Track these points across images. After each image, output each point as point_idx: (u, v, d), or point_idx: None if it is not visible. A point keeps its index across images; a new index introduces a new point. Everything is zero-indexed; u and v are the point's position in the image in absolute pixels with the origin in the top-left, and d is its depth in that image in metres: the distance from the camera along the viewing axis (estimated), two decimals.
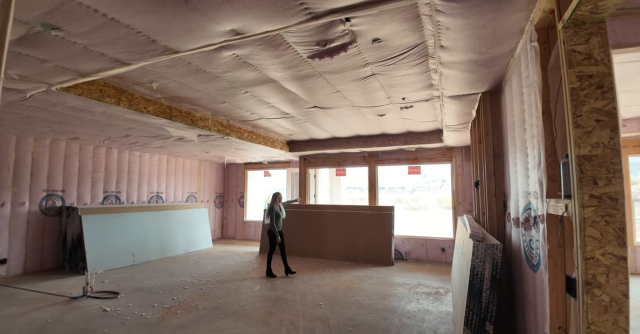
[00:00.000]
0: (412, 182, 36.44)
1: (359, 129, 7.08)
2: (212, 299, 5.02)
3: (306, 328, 3.98)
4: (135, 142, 7.22)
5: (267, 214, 6.24)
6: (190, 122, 5.46)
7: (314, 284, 5.79)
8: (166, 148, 8.07)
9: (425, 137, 7.25)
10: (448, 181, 34.60)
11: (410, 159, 8.12)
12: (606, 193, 1.52)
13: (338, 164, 9.04)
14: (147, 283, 5.87)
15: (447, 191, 40.15)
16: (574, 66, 1.67)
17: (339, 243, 7.93)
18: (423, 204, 31.69)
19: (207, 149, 8.06)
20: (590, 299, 1.48)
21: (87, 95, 4.12)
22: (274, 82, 4.07)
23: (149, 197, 9.09)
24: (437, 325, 4.05)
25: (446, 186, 42.92)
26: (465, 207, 7.51)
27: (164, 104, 5.01)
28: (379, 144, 7.63)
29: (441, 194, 33.53)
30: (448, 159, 7.81)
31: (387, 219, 7.58)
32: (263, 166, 11.14)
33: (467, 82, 3.40)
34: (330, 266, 7.27)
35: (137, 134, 6.28)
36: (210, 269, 6.98)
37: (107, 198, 8.07)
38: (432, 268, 7.11)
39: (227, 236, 11.57)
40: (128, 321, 4.19)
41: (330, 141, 8.21)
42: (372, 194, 8.53)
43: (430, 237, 7.90)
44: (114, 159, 8.22)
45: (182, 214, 9.21)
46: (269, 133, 7.47)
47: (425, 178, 48.81)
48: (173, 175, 9.84)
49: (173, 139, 6.73)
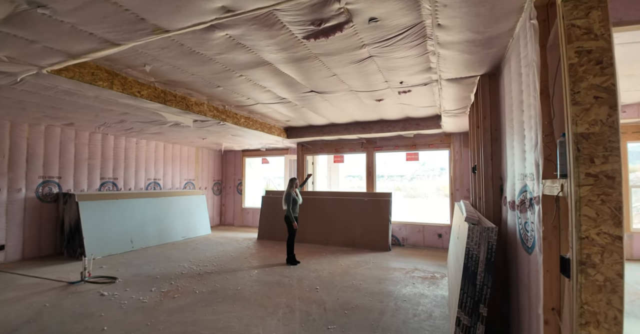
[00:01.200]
0: (411, 171, 36.58)
1: (357, 115, 7.01)
2: (210, 283, 5.05)
3: (302, 310, 4.01)
4: (131, 128, 7.15)
5: (284, 200, 6.14)
6: (185, 107, 5.39)
7: (311, 269, 5.83)
8: (163, 134, 8.00)
9: (423, 123, 7.19)
10: (447, 169, 34.82)
11: (409, 146, 8.08)
12: (603, 172, 1.49)
13: (336, 151, 9.00)
14: (145, 269, 5.90)
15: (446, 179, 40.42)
16: (572, 41, 1.62)
17: (337, 229, 7.96)
18: (422, 192, 31.87)
19: (204, 135, 8.00)
20: (584, 279, 1.47)
21: (79, 78, 4.05)
22: (269, 65, 3.99)
23: (146, 184, 9.07)
24: (432, 308, 4.09)
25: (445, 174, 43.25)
26: (463, 193, 7.51)
27: (158, 88, 4.93)
28: (377, 131, 7.57)
29: (440, 182, 33.81)
30: (446, 145, 7.76)
31: (385, 206, 7.59)
32: (261, 153, 11.09)
33: (465, 64, 3.33)
34: (328, 251, 7.31)
35: (132, 119, 6.21)
36: (209, 254, 7.01)
37: (104, 185, 8.05)
38: (428, 254, 7.16)
39: (226, 223, 11.61)
40: (125, 305, 4.22)
41: (328, 128, 8.14)
42: (369, 181, 8.52)
43: (428, 223, 7.93)
44: (110, 145, 8.16)
45: (180, 201, 9.21)
46: (266, 119, 7.40)
47: (424, 166, 48.97)
48: (170, 162, 9.80)
49: (169, 124, 6.66)
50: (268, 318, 3.79)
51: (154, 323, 3.67)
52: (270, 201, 9.00)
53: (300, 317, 3.83)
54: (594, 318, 1.48)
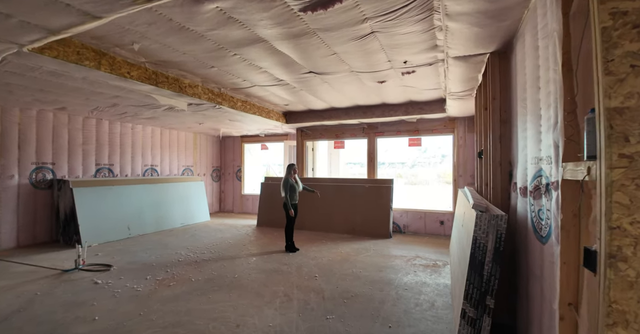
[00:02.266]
0: (413, 158, 36.60)
1: (358, 99, 6.77)
2: (207, 271, 4.93)
3: (300, 299, 3.89)
4: (124, 112, 6.93)
5: (281, 187, 5.96)
6: (179, 90, 5.16)
7: (310, 257, 5.71)
8: (158, 119, 7.78)
9: (427, 107, 6.94)
10: (448, 156, 34.49)
11: (411, 131, 7.85)
12: (639, 152, 1.29)
13: (336, 137, 8.77)
14: (141, 256, 5.79)
15: (447, 166, 40.33)
16: (606, 1, 1.39)
17: (337, 216, 7.82)
18: (423, 179, 32.00)
19: (200, 120, 7.77)
20: (614, 274, 1.29)
21: (64, 58, 3.82)
22: (264, 42, 3.75)
23: (143, 170, 8.90)
24: (434, 298, 3.96)
25: (446, 162, 43.27)
26: (466, 180, 7.32)
27: (149, 69, 4.70)
28: (378, 115, 7.33)
29: (440, 169, 34.16)
30: (450, 130, 7.53)
31: (386, 192, 7.42)
32: (260, 138, 10.87)
33: (474, 39, 3.09)
34: (328, 238, 7.19)
35: (125, 103, 5.99)
36: (207, 241, 6.90)
37: (99, 171, 7.88)
38: (430, 241, 7.03)
39: (225, 210, 11.50)
40: (119, 293, 4.10)
41: (328, 112, 7.90)
42: (371, 167, 8.33)
43: (429, 210, 7.77)
44: (105, 130, 7.95)
45: (179, 187, 9.07)
46: (264, 103, 7.16)
47: (426, 153, 48.97)
48: (167, 148, 9.60)
49: (163, 108, 6.44)
50: (265, 308, 3.67)
51: (146, 312, 3.56)
52: (270, 187, 8.84)
53: (298, 306, 3.71)
54: (622, 318, 1.31)
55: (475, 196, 3.56)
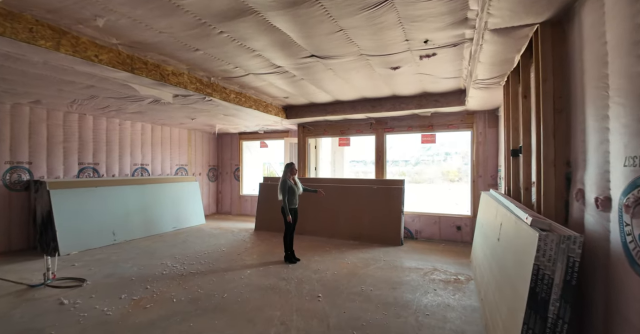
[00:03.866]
0: (416, 155, 36.26)
1: (366, 90, 6.05)
2: (192, 288, 4.26)
3: (300, 329, 3.20)
4: (107, 106, 6.25)
5: (279, 189, 5.25)
6: (160, 78, 4.47)
7: (313, 269, 5.01)
8: (146, 114, 7.10)
9: (443, 100, 6.21)
10: (452, 154, 33.36)
11: (424, 126, 7.10)
12: None
13: (341, 133, 8.05)
14: (122, 267, 5.12)
15: (451, 164, 40.18)
16: None
17: (342, 220, 7.12)
18: (427, 178, 31.73)
19: (192, 114, 7.08)
20: None
21: (13, 35, 3.14)
22: (255, 14, 3.04)
23: (132, 169, 8.24)
24: (463, 327, 3.25)
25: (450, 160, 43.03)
26: (487, 181, 6.59)
27: (123, 53, 4.01)
28: (388, 109, 6.61)
29: (445, 167, 33.82)
30: (468, 126, 6.79)
31: (396, 194, 6.71)
32: (259, 135, 10.18)
33: (524, 3, 2.37)
34: (332, 245, 6.50)
35: (103, 94, 5.30)
36: (198, 249, 6.22)
37: (83, 171, 7.22)
38: (446, 249, 6.31)
39: (223, 211, 10.84)
40: (85, 318, 3.44)
41: (332, 106, 7.19)
42: (379, 167, 7.60)
43: (445, 214, 7.05)
44: (89, 126, 7.29)
45: (171, 188, 8.41)
46: (261, 95, 6.46)
47: (429, 151, 48.64)
48: (159, 146, 8.93)
49: (148, 101, 5.75)
50: None
51: None
52: (269, 188, 8.16)
53: None
54: None
55: (520, 206, 2.85)
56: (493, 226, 3.53)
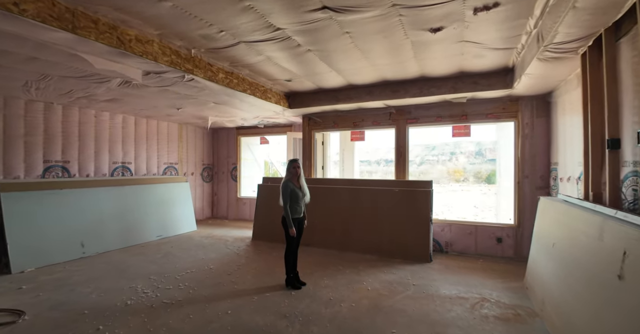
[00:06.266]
0: (421, 155, 35.85)
1: (388, 69, 4.85)
2: (158, 331, 3.09)
3: None
4: (70, 90, 5.12)
5: (281, 193, 4.09)
6: (119, 44, 3.31)
7: (323, 299, 3.83)
8: (122, 102, 5.96)
9: (484, 82, 5.00)
10: (457, 153, 32.49)
11: (457, 116, 5.87)
12: None
13: (354, 126, 6.84)
14: (78, 293, 3.98)
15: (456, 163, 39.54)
16: None
17: (356, 229, 5.93)
18: (432, 178, 31.20)
19: (176, 102, 5.92)
20: None
21: None
22: None
23: (111, 168, 7.11)
24: None
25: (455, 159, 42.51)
26: (535, 182, 5.36)
27: (59, 3, 2.85)
28: (414, 93, 5.41)
29: (450, 166, 33.14)
30: (511, 115, 5.55)
31: (423, 198, 5.50)
32: (259, 130, 9.02)
33: None
34: (345, 261, 5.31)
35: (55, 71, 4.16)
36: (180, 266, 5.07)
37: (49, 170, 6.10)
38: (487, 267, 5.10)
39: (218, 216, 9.69)
40: None
41: (344, 92, 6.00)
42: (400, 166, 6.38)
43: (482, 223, 5.83)
44: (57, 118, 6.17)
45: (157, 190, 7.27)
46: (258, 78, 5.28)
47: (434, 151, 48.00)
48: (144, 141, 7.79)
49: (117, 83, 4.61)
50: None
51: None
52: (269, 190, 6.99)
53: None
54: None
55: None
56: (594, 251, 2.32)
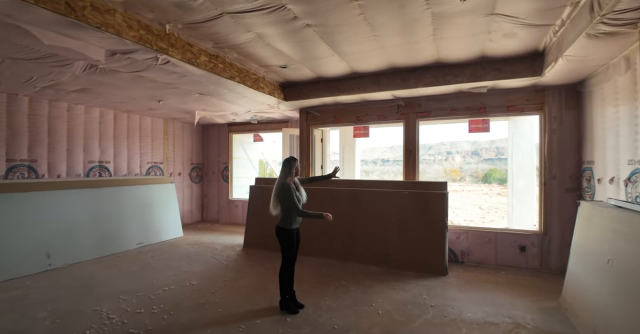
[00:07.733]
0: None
1: (399, 54, 4.19)
2: None
3: None
4: (31, 78, 4.40)
5: (274, 196, 3.41)
6: (68, 11, 2.61)
7: (326, 327, 3.15)
8: (94, 93, 5.24)
9: (508, 68, 4.34)
10: (453, 152, 32.68)
11: (474, 109, 5.20)
12: None
13: (357, 120, 6.16)
14: (28, 320, 3.28)
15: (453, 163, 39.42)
16: None
17: (361, 237, 5.26)
18: (429, 177, 31.89)
19: (155, 93, 5.21)
20: None
21: None
22: None
23: (87, 168, 6.39)
24: None
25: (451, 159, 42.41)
26: (564, 183, 4.72)
27: None
28: (427, 82, 4.74)
29: (447, 166, 33.19)
30: (536, 107, 4.90)
31: (438, 202, 4.84)
32: (252, 126, 8.32)
33: None
34: (348, 274, 4.64)
35: (3, 52, 3.45)
36: (158, 281, 4.37)
37: (13, 169, 5.38)
38: (512, 281, 4.44)
39: (209, 219, 8.98)
40: None
41: (347, 82, 5.32)
42: (409, 165, 5.70)
43: (502, 229, 5.17)
44: (23, 111, 5.45)
45: (139, 192, 6.56)
46: (248, 63, 4.59)
47: (431, 150, 47.77)
48: (125, 138, 7.08)
49: (81, 67, 3.90)
50: None
51: None
52: (262, 192, 6.30)
53: None
54: None
55: None
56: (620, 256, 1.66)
